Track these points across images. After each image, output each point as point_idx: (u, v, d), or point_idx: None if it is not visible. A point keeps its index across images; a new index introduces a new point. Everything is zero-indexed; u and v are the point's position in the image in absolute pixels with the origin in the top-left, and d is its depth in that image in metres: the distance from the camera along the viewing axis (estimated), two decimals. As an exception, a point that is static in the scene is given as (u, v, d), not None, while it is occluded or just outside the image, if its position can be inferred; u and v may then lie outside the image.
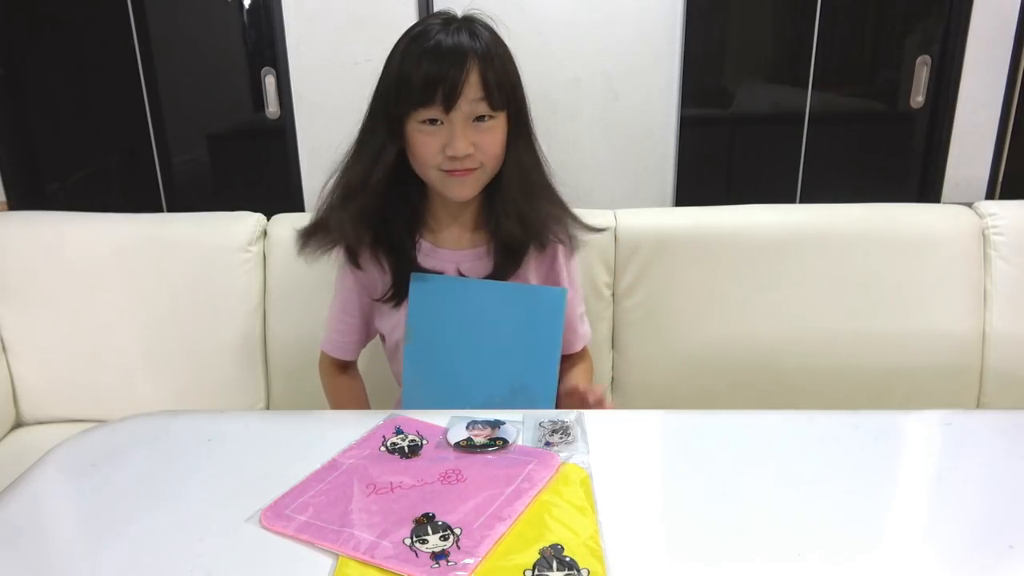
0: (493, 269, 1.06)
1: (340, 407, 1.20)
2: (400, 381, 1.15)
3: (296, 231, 1.09)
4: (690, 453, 0.83)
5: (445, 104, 0.95)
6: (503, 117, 1.00)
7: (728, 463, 0.80)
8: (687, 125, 1.98)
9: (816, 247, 1.41)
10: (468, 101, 0.95)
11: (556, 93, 1.80)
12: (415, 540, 0.67)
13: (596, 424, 0.87)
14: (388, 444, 0.83)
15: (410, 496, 0.73)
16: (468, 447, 0.82)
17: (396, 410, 0.92)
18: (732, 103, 2.08)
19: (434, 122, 0.97)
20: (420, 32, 0.98)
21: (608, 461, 0.79)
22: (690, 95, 1.96)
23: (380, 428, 0.87)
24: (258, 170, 2.19)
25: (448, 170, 0.99)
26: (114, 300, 1.46)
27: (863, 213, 1.45)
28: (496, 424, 0.86)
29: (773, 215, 1.45)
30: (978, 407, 1.44)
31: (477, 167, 0.99)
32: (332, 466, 0.79)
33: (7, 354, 1.50)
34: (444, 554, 0.65)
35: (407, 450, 0.82)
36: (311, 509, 0.72)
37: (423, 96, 0.95)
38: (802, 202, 2.04)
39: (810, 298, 1.42)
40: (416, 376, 1.06)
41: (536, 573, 0.63)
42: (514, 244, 1.05)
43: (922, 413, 0.92)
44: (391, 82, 0.99)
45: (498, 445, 0.82)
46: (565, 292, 1.02)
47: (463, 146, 0.96)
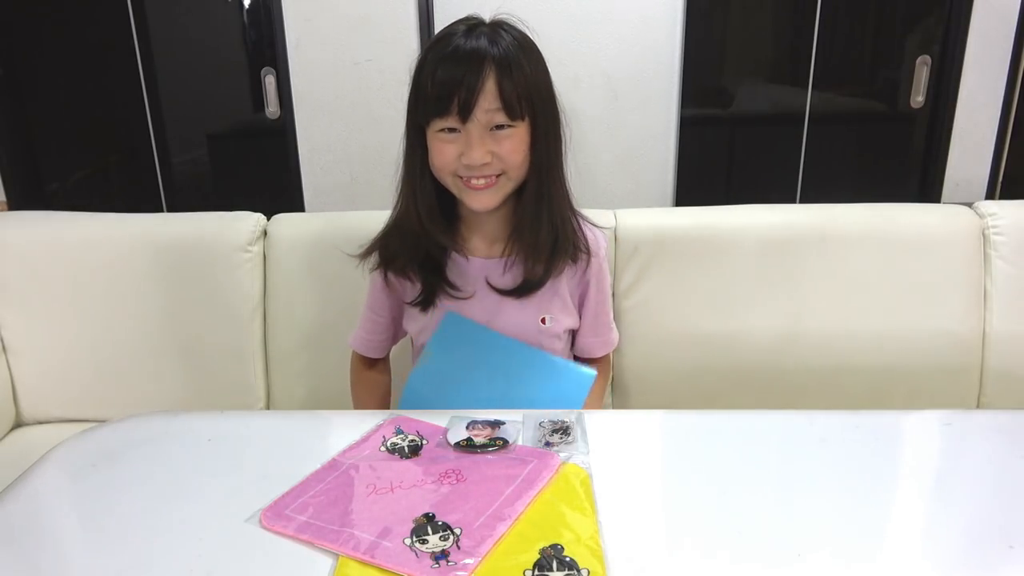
0: (522, 279, 1.04)
1: (359, 401, 1.19)
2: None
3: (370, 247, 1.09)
4: (690, 453, 0.83)
5: (461, 114, 0.92)
6: (524, 125, 0.96)
7: (728, 463, 0.80)
8: (687, 125, 1.98)
9: (816, 247, 1.41)
10: (484, 111, 0.93)
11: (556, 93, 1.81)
12: (415, 540, 0.67)
13: (596, 424, 0.87)
14: (388, 444, 0.83)
15: (410, 496, 0.73)
16: (468, 447, 0.82)
17: (396, 410, 0.92)
18: (732, 103, 2.09)
19: (452, 130, 0.95)
20: (441, 37, 0.96)
21: (608, 461, 0.79)
22: (690, 95, 1.96)
23: (380, 428, 0.87)
24: (258, 170, 2.19)
25: (465, 179, 0.97)
26: (114, 300, 1.46)
27: (863, 213, 1.45)
28: (496, 424, 0.86)
29: (773, 215, 1.45)
30: (978, 407, 1.44)
31: (498, 174, 0.97)
32: (332, 466, 0.79)
33: (7, 354, 1.50)
34: (444, 554, 0.65)
35: (407, 450, 0.82)
36: (311, 509, 0.72)
37: (438, 106, 0.93)
38: (802, 202, 2.04)
39: (810, 298, 1.42)
40: (416, 397, 1.06)
41: (536, 573, 0.63)
42: (541, 255, 1.02)
43: (922, 413, 0.92)
44: (413, 90, 0.97)
45: (498, 445, 0.82)
46: (594, 375, 1.00)
47: (479, 155, 0.93)
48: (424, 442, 0.84)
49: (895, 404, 1.44)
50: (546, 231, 1.01)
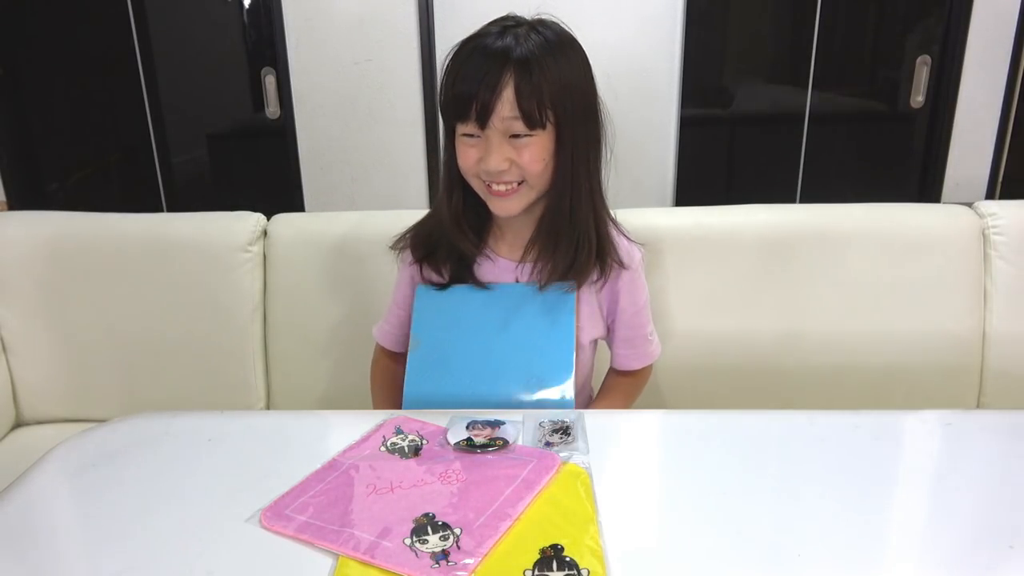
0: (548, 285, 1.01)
1: (378, 393, 1.19)
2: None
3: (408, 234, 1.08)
4: (690, 453, 0.83)
5: (479, 121, 0.92)
6: (545, 134, 0.93)
7: (728, 463, 0.80)
8: (687, 125, 1.98)
9: (816, 247, 1.41)
10: (501, 119, 0.91)
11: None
12: (415, 540, 0.67)
13: (596, 424, 0.87)
14: (388, 444, 0.83)
15: (410, 496, 0.73)
16: (468, 447, 0.82)
17: (396, 410, 0.92)
18: (732, 103, 2.09)
19: (474, 135, 0.94)
20: (469, 37, 0.95)
21: (608, 461, 0.79)
22: (690, 95, 1.96)
23: (380, 428, 0.87)
24: (258, 170, 2.19)
25: (487, 184, 0.96)
26: (114, 300, 1.46)
27: (863, 213, 1.45)
28: (496, 424, 0.86)
29: (773, 215, 1.45)
30: (978, 407, 1.44)
31: (519, 181, 0.95)
32: (332, 466, 0.79)
33: (7, 354, 1.50)
34: (444, 554, 0.65)
35: (407, 450, 0.82)
36: (311, 509, 0.72)
37: (457, 111, 0.93)
38: (802, 202, 2.04)
39: (810, 298, 1.42)
40: (420, 381, 1.05)
41: (536, 573, 0.63)
42: (560, 264, 0.99)
43: (922, 413, 0.91)
44: (441, 88, 0.97)
45: (498, 445, 0.82)
46: (572, 286, 0.99)
47: (496, 163, 0.92)
48: (424, 442, 0.83)
49: (895, 404, 1.44)
50: (567, 240, 0.98)
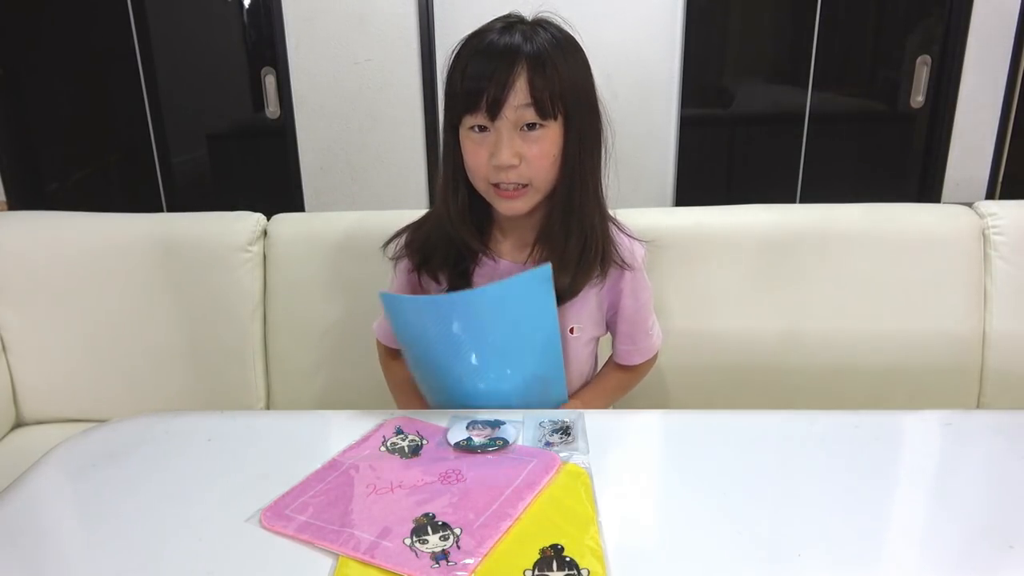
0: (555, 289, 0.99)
1: (397, 393, 1.17)
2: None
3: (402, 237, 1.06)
4: (690, 453, 0.83)
5: (490, 110, 0.90)
6: (555, 126, 0.92)
7: (728, 463, 0.80)
8: (687, 125, 1.98)
9: (816, 247, 1.41)
10: (513, 107, 0.89)
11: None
12: (415, 540, 0.67)
13: (596, 424, 0.87)
14: (388, 444, 0.83)
15: (410, 496, 0.73)
16: (468, 447, 0.82)
17: (396, 410, 0.92)
18: (732, 103, 2.09)
19: (483, 129, 0.92)
20: (476, 33, 0.94)
21: (608, 461, 0.79)
22: (690, 95, 1.96)
23: (380, 428, 0.87)
24: (258, 170, 2.19)
25: (496, 185, 0.94)
26: (114, 300, 1.46)
27: (863, 213, 1.45)
28: (496, 424, 0.86)
29: (773, 215, 1.45)
30: (978, 407, 1.44)
31: (525, 184, 0.93)
32: (332, 466, 0.79)
33: (7, 354, 1.50)
34: (444, 554, 0.65)
35: (407, 450, 0.82)
36: (311, 509, 0.72)
37: (467, 102, 0.91)
38: (802, 202, 2.04)
39: (810, 298, 1.42)
40: (425, 386, 1.05)
41: (536, 573, 0.63)
42: (568, 264, 0.98)
43: (922, 413, 0.91)
44: (446, 87, 0.96)
45: (498, 445, 0.82)
46: (548, 268, 0.94)
47: (507, 155, 0.90)
48: (424, 442, 0.84)
49: (895, 404, 1.44)
50: (575, 239, 0.97)
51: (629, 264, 1.04)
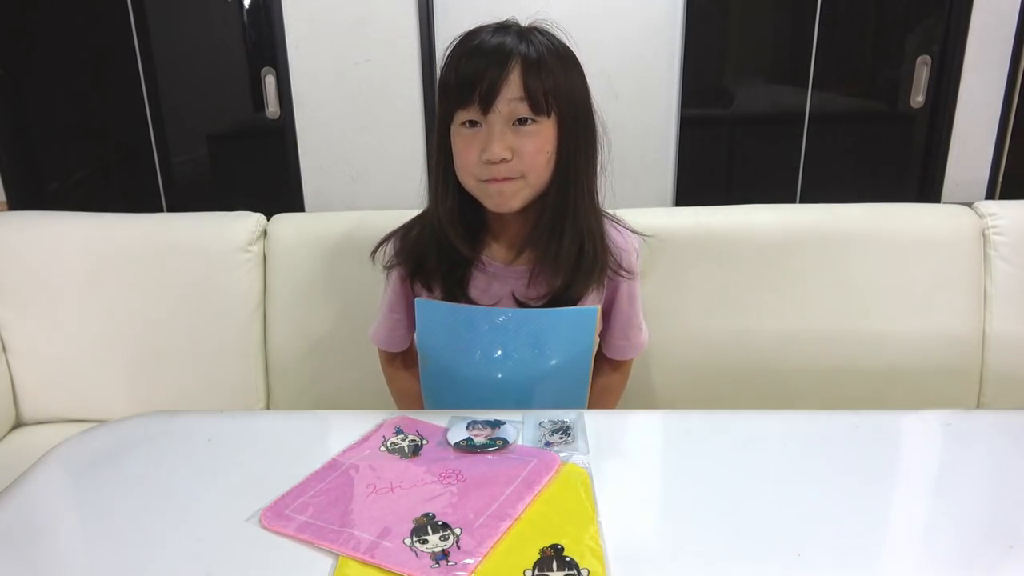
0: (548, 294, 0.99)
1: (401, 399, 1.18)
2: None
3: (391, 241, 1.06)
4: (690, 453, 0.83)
5: (482, 104, 0.89)
6: (549, 124, 0.92)
7: (728, 463, 0.80)
8: (687, 125, 1.98)
9: (816, 247, 1.41)
10: (506, 101, 0.89)
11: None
12: (415, 540, 0.67)
13: (596, 424, 0.87)
14: (388, 444, 0.83)
15: (410, 496, 0.73)
16: (468, 447, 0.82)
17: (396, 410, 0.92)
18: (732, 103, 2.08)
19: (474, 124, 0.92)
20: (469, 33, 0.94)
21: (608, 461, 0.79)
22: (690, 95, 1.95)
23: (380, 428, 0.87)
24: (258, 170, 2.19)
25: (486, 180, 0.93)
26: (114, 300, 1.46)
27: (863, 213, 1.45)
28: (496, 424, 0.86)
29: (773, 215, 1.45)
30: (978, 407, 1.44)
31: (517, 177, 0.92)
32: (332, 466, 0.79)
33: (7, 354, 1.50)
34: (444, 554, 0.65)
35: (407, 450, 0.82)
36: (311, 509, 0.72)
37: (460, 95, 0.90)
38: (802, 202, 2.04)
39: (810, 298, 1.42)
40: (436, 400, 1.04)
41: (536, 573, 0.63)
42: (561, 267, 0.97)
43: (922, 413, 0.91)
44: (439, 85, 0.95)
45: (498, 445, 0.82)
46: (596, 311, 0.95)
47: (499, 149, 0.89)
48: (424, 442, 0.83)
49: (895, 404, 1.44)
50: (570, 242, 0.96)
51: (629, 271, 1.03)
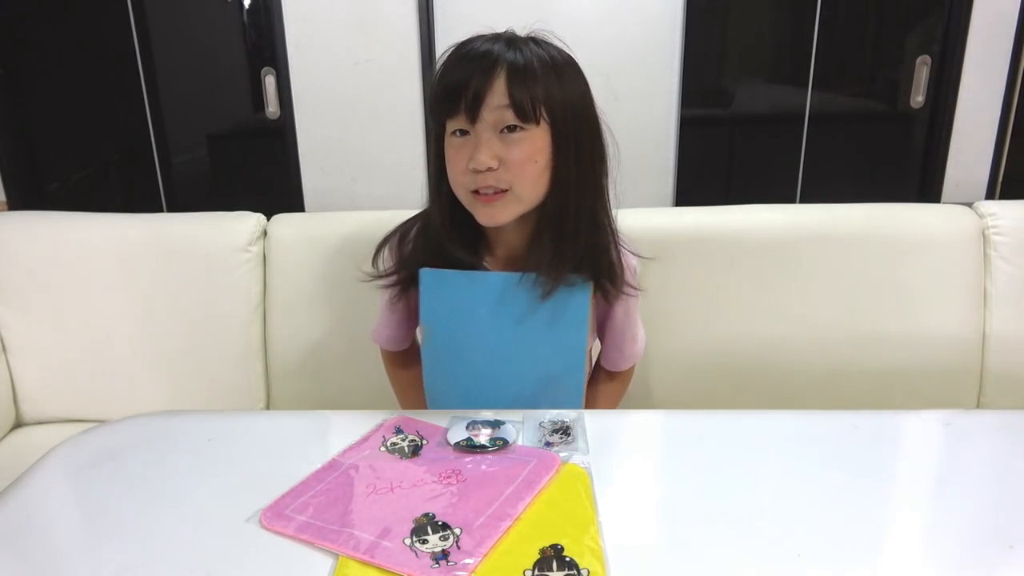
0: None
1: (404, 397, 1.19)
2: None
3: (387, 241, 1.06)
4: (690, 453, 0.83)
5: (468, 111, 0.88)
6: (539, 133, 0.90)
7: (728, 463, 0.80)
8: (687, 125, 1.98)
9: (816, 247, 1.41)
10: (492, 109, 0.88)
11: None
12: (415, 540, 0.67)
13: (596, 424, 0.87)
14: (388, 444, 0.83)
15: (410, 496, 0.73)
16: (468, 447, 0.82)
17: (396, 410, 0.92)
18: (732, 103, 2.08)
19: (464, 133, 0.91)
20: (461, 43, 0.93)
21: (608, 461, 0.79)
22: (690, 95, 1.96)
23: (380, 428, 0.87)
24: (258, 170, 2.19)
25: (475, 191, 0.91)
26: (114, 300, 1.46)
27: (863, 213, 1.45)
28: (496, 424, 0.86)
29: (773, 215, 1.45)
30: (978, 407, 1.44)
31: (505, 188, 0.90)
32: (332, 466, 0.79)
33: (7, 354, 1.50)
34: (444, 554, 0.65)
35: (407, 450, 0.82)
36: (311, 509, 0.72)
37: (446, 105, 0.90)
38: (802, 202, 2.04)
39: (810, 298, 1.42)
40: (437, 377, 1.04)
41: (536, 573, 0.63)
42: (558, 278, 0.94)
43: (922, 413, 0.91)
44: (430, 95, 0.95)
45: (498, 445, 0.82)
46: (589, 283, 0.94)
47: (485, 158, 0.88)
48: (424, 442, 0.84)
49: (895, 404, 1.44)
50: (572, 255, 0.94)
51: (635, 287, 1.02)
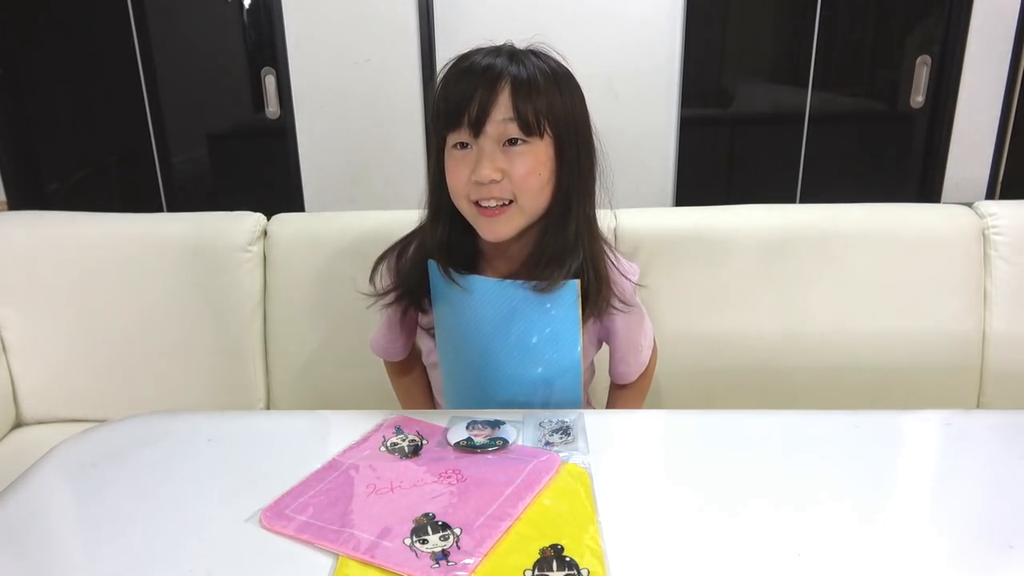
0: None
1: (406, 400, 1.20)
2: (438, 396, 1.15)
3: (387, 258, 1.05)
4: (690, 453, 0.83)
5: (472, 125, 0.88)
6: (542, 146, 0.90)
7: (728, 463, 0.80)
8: (687, 125, 1.98)
9: (816, 247, 1.41)
10: (496, 122, 0.88)
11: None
12: (415, 540, 0.67)
13: (596, 424, 0.87)
14: (388, 444, 0.83)
15: (410, 496, 0.73)
16: (468, 447, 0.82)
17: (396, 410, 0.92)
18: (732, 103, 2.09)
19: (465, 146, 0.90)
20: (462, 56, 0.93)
21: (608, 461, 0.79)
22: (690, 95, 1.96)
23: (380, 428, 0.87)
24: (258, 170, 2.19)
25: (477, 203, 0.91)
26: (114, 300, 1.46)
27: (863, 213, 1.45)
28: (496, 424, 0.86)
29: (773, 215, 1.45)
30: (978, 407, 1.44)
31: (508, 200, 0.90)
32: (332, 466, 0.79)
33: (7, 354, 1.50)
34: (444, 554, 0.65)
35: (407, 450, 0.82)
36: (311, 509, 0.72)
37: (450, 118, 0.90)
38: (802, 202, 2.04)
39: (810, 298, 1.42)
40: (448, 370, 1.06)
41: (536, 573, 0.63)
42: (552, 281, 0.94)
43: (922, 413, 0.92)
44: (431, 109, 0.95)
45: (498, 445, 0.82)
46: (576, 283, 0.94)
47: (488, 171, 0.87)
48: (424, 442, 0.84)
49: (895, 404, 1.44)
50: (569, 268, 0.94)
51: (629, 303, 1.02)
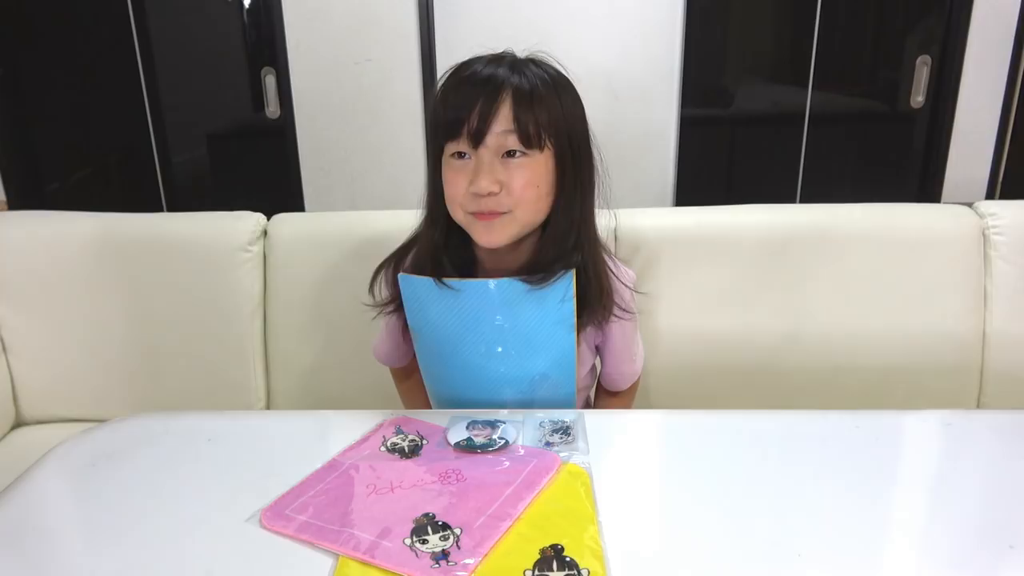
0: None
1: (410, 402, 1.19)
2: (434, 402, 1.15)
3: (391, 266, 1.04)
4: (690, 453, 0.83)
5: (471, 136, 0.88)
6: (542, 158, 0.90)
7: (728, 463, 0.80)
8: (687, 125, 1.98)
9: (816, 247, 1.41)
10: (495, 134, 0.87)
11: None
12: (415, 540, 0.67)
13: (596, 424, 0.87)
14: (388, 444, 0.83)
15: (410, 496, 0.73)
16: (468, 447, 0.82)
17: (396, 410, 0.92)
18: (732, 103, 2.09)
19: (463, 155, 0.90)
20: (462, 64, 0.93)
21: (608, 461, 0.79)
22: (690, 95, 1.96)
23: (380, 428, 0.87)
24: (258, 170, 2.19)
25: (474, 212, 0.90)
26: (114, 300, 1.46)
27: (863, 213, 1.45)
28: (496, 424, 0.86)
29: (773, 215, 1.45)
30: (978, 407, 1.44)
31: (505, 211, 0.89)
32: (332, 466, 0.79)
33: (7, 354, 1.50)
34: (444, 554, 0.65)
35: (407, 450, 0.82)
36: (311, 509, 0.72)
37: (449, 129, 0.89)
38: (802, 202, 2.04)
39: (810, 298, 1.42)
40: (431, 377, 1.05)
41: (536, 573, 0.63)
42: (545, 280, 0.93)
43: (922, 413, 0.91)
44: (430, 115, 0.94)
45: (498, 445, 0.82)
46: (571, 273, 0.94)
47: (486, 183, 0.87)
48: (424, 442, 0.84)
49: (895, 404, 1.44)
50: (573, 267, 0.94)
51: (629, 310, 1.02)
